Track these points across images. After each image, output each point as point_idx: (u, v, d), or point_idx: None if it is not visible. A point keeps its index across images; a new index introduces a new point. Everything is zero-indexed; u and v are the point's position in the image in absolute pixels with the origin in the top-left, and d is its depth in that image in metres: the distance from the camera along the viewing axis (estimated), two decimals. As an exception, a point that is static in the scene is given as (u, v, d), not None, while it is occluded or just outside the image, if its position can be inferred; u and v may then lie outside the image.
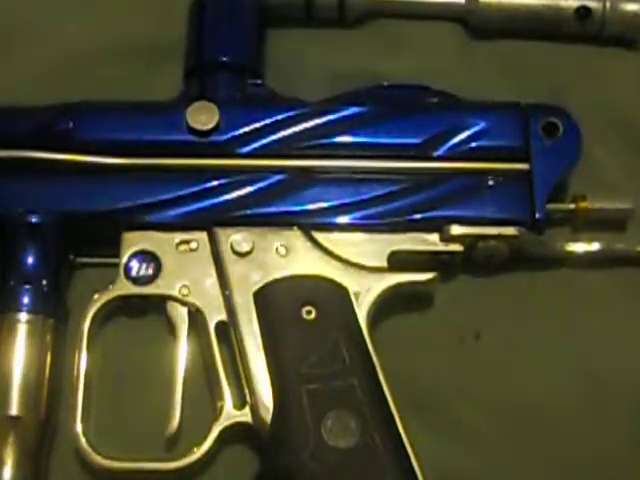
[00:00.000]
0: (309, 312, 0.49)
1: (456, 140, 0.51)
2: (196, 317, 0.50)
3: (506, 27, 0.56)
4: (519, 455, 0.50)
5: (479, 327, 0.51)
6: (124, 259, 0.50)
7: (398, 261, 0.50)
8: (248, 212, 0.50)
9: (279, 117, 0.51)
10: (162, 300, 0.50)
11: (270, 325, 0.49)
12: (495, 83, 0.55)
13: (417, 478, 0.47)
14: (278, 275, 0.49)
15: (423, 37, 0.56)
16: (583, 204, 0.52)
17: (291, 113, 0.52)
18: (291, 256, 0.50)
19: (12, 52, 0.56)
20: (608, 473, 0.50)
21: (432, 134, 0.51)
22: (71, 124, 0.51)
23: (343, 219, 0.50)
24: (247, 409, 0.48)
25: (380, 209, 0.51)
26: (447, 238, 0.50)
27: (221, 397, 0.48)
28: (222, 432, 0.48)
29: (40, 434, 0.48)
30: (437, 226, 0.50)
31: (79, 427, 0.48)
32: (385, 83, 0.54)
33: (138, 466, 0.48)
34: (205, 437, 0.48)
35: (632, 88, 0.56)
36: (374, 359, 0.48)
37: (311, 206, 0.50)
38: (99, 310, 0.50)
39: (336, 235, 0.50)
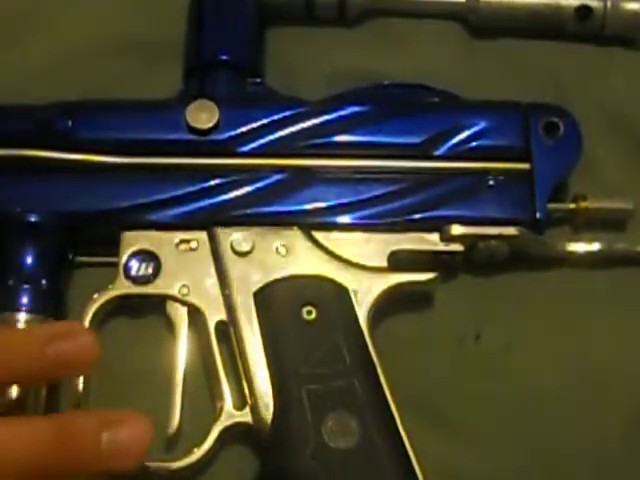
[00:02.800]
0: (309, 312, 0.49)
1: (456, 140, 0.51)
2: (196, 317, 0.50)
3: (507, 26, 0.55)
4: (519, 455, 0.50)
5: (479, 327, 0.51)
6: (123, 259, 0.50)
7: (398, 261, 0.50)
8: (248, 212, 0.50)
9: (279, 116, 0.51)
10: (162, 300, 0.50)
11: (270, 325, 0.49)
12: (495, 82, 0.55)
13: (417, 478, 0.47)
14: (278, 275, 0.49)
15: (423, 36, 0.56)
16: (583, 204, 0.52)
17: (291, 112, 0.51)
18: (291, 256, 0.50)
19: (11, 49, 0.55)
20: (607, 472, 0.50)
21: (432, 133, 0.51)
22: (70, 123, 0.51)
23: (343, 219, 0.50)
24: (247, 409, 0.48)
25: (380, 209, 0.50)
26: (447, 238, 0.50)
27: (221, 397, 0.48)
28: (222, 432, 0.48)
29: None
30: (437, 226, 0.50)
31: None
32: (385, 82, 0.53)
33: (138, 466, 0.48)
34: (205, 437, 0.48)
35: (633, 87, 0.55)
36: (374, 359, 0.48)
37: (311, 206, 0.50)
38: (98, 310, 0.49)
39: (336, 235, 0.50)
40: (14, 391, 0.47)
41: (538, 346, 0.51)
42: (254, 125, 0.51)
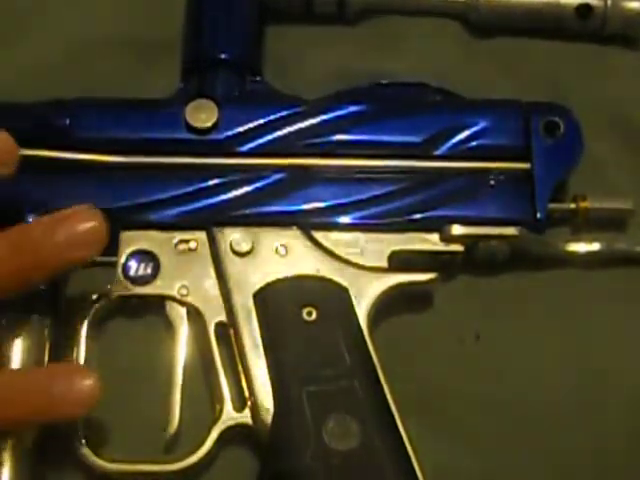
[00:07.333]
0: (310, 313, 0.49)
1: (457, 139, 0.51)
2: (195, 317, 0.49)
3: (507, 25, 0.55)
4: (519, 455, 0.50)
5: (479, 327, 0.51)
6: (122, 259, 0.50)
7: (398, 261, 0.50)
8: (247, 211, 0.50)
9: (279, 115, 0.51)
10: (161, 300, 0.50)
11: (270, 326, 0.48)
12: (496, 81, 0.55)
13: (417, 479, 0.47)
14: (278, 275, 0.49)
15: (423, 35, 0.56)
16: (583, 204, 0.52)
17: (291, 111, 0.51)
18: (291, 256, 0.49)
19: (9, 48, 0.55)
20: (607, 473, 0.50)
21: (433, 133, 0.51)
22: (68, 121, 0.51)
23: (343, 219, 0.50)
24: (247, 411, 0.48)
25: (380, 209, 0.50)
26: (447, 238, 0.50)
27: (221, 398, 0.48)
28: (222, 434, 0.48)
29: (38, 436, 0.48)
30: (437, 226, 0.50)
31: (78, 429, 0.47)
32: (384, 81, 0.53)
33: (137, 468, 0.48)
34: (205, 439, 0.48)
35: (633, 86, 0.55)
36: (375, 360, 0.48)
37: (311, 206, 0.50)
38: (97, 310, 0.49)
39: (336, 235, 0.50)
40: None
41: (538, 346, 0.51)
42: (254, 124, 0.51)
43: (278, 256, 0.50)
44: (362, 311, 0.49)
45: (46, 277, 0.46)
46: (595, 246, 0.52)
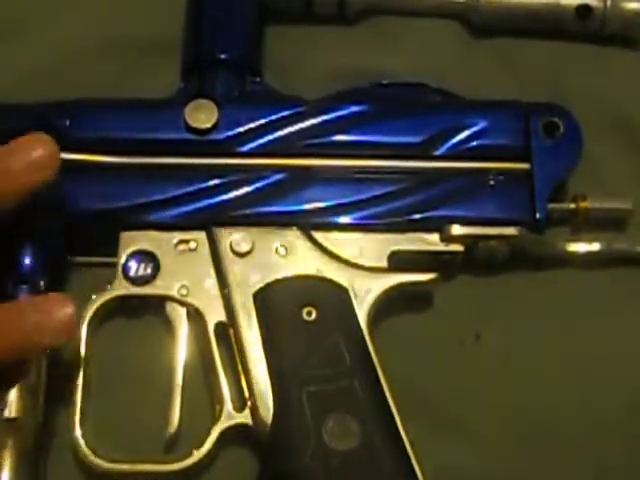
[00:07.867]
0: (309, 313, 0.49)
1: (456, 139, 0.51)
2: (195, 318, 0.49)
3: (507, 25, 0.55)
4: (519, 455, 0.50)
5: (479, 327, 0.51)
6: (122, 259, 0.50)
7: (398, 261, 0.50)
8: (247, 212, 0.50)
9: (278, 115, 0.51)
10: (161, 300, 0.50)
11: (270, 326, 0.48)
12: (495, 82, 0.55)
13: (417, 479, 0.47)
14: (278, 275, 0.49)
15: (423, 35, 0.56)
16: (583, 204, 0.52)
17: (291, 111, 0.51)
18: (291, 256, 0.50)
19: (9, 48, 0.55)
20: (607, 473, 0.50)
21: (432, 133, 0.51)
22: (67, 122, 0.51)
23: (343, 219, 0.50)
24: (247, 411, 0.48)
25: (380, 209, 0.50)
26: (447, 238, 0.50)
27: (221, 398, 0.48)
28: (222, 434, 0.48)
29: (38, 436, 0.47)
30: (437, 226, 0.50)
31: (78, 429, 0.47)
32: (384, 81, 0.53)
33: (137, 468, 0.48)
34: (205, 439, 0.48)
35: (633, 87, 0.55)
36: (374, 360, 0.48)
37: (311, 206, 0.50)
38: (97, 311, 0.49)
39: (336, 235, 0.50)
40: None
41: (538, 346, 0.51)
42: (253, 125, 0.51)
43: (278, 256, 0.50)
44: (362, 311, 0.49)
45: (6, 205, 0.46)
46: (595, 246, 0.52)
